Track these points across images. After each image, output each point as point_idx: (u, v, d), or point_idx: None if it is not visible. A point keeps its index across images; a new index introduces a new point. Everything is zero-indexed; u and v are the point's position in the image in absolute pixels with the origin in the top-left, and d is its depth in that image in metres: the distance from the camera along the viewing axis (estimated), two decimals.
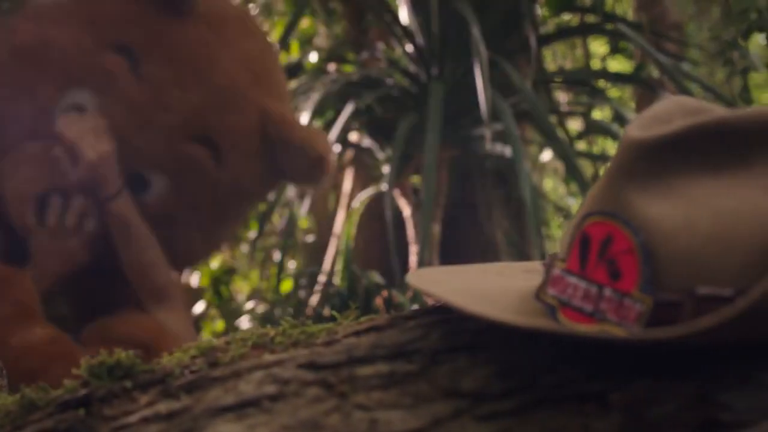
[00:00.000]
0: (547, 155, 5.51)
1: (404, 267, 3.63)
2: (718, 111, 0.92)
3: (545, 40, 4.27)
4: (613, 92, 5.93)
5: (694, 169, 0.85)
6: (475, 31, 3.33)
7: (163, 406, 0.88)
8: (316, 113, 3.78)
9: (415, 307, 2.02)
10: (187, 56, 2.58)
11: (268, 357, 0.93)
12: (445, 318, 0.93)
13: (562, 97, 5.28)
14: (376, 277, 3.72)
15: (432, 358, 0.86)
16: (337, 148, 3.58)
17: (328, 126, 3.70)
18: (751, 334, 0.76)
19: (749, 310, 0.68)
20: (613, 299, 0.80)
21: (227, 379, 0.90)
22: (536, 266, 1.02)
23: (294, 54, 5.08)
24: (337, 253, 4.14)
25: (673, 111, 0.91)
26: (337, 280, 4.03)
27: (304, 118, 3.56)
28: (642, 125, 0.88)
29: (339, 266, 4.05)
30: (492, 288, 0.97)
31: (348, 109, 3.60)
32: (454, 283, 0.97)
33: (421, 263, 3.24)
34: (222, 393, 0.87)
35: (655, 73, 4.62)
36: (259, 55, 2.78)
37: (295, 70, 4.37)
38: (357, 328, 0.97)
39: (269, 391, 0.85)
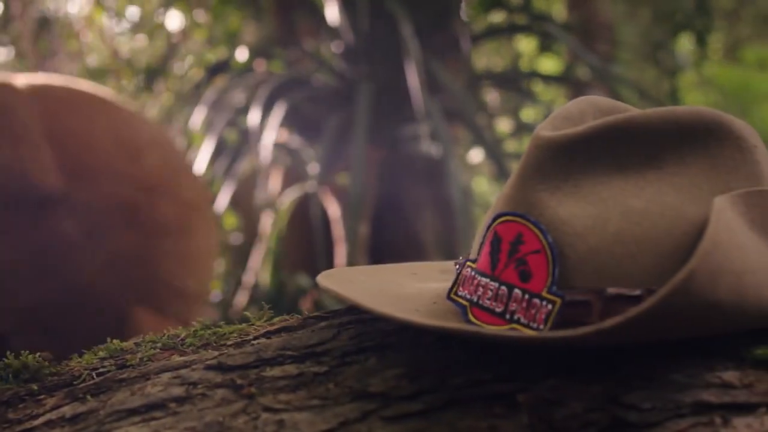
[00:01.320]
0: (479, 155, 5.53)
1: (331, 267, 3.60)
2: (631, 111, 0.92)
3: (475, 39, 4.29)
4: (546, 92, 5.97)
5: (605, 169, 0.84)
6: (406, 30, 3.33)
7: (68, 409, 0.86)
8: (241, 113, 3.76)
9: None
10: (41, 250, 2.50)
11: (177, 358, 0.92)
12: (357, 319, 0.93)
13: (492, 96, 5.30)
14: (304, 279, 3.71)
15: (341, 359, 0.85)
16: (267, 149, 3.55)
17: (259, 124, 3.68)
18: (661, 334, 0.76)
19: (655, 310, 0.68)
20: (522, 299, 0.80)
21: (134, 381, 0.88)
22: (452, 266, 1.01)
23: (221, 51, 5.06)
24: (265, 253, 4.11)
25: (586, 110, 0.91)
26: (264, 280, 4.01)
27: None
28: (553, 125, 0.88)
29: (267, 267, 4.03)
30: (405, 288, 0.96)
31: (279, 110, 3.57)
32: (366, 283, 0.97)
33: (350, 263, 3.24)
34: (129, 395, 0.85)
35: (585, 73, 4.65)
36: (134, 250, 2.65)
37: (222, 67, 4.33)
38: (269, 328, 0.97)
39: (176, 393, 0.83)
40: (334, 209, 3.78)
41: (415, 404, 0.77)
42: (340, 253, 3.64)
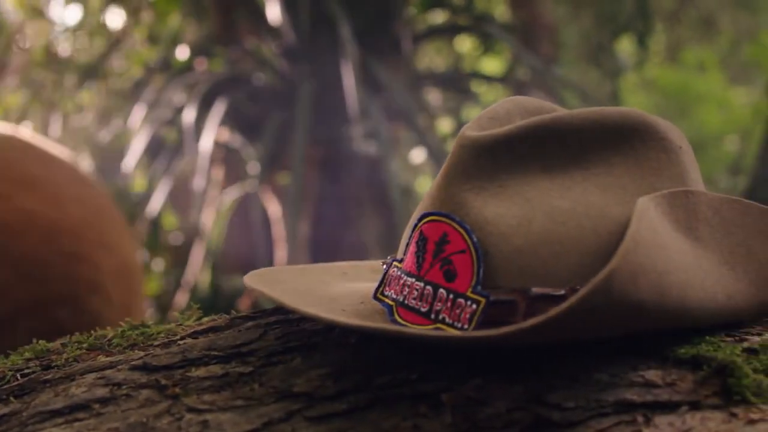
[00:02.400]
0: (421, 155, 5.53)
1: (272, 266, 3.59)
2: (559, 111, 0.92)
3: (417, 39, 4.29)
4: (489, 93, 5.99)
5: (530, 169, 0.85)
6: (344, 30, 3.33)
7: None
8: (178, 112, 3.74)
9: None
10: None
11: (102, 359, 0.91)
12: (284, 319, 0.92)
13: (434, 96, 5.30)
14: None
15: (267, 359, 0.85)
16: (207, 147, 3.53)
17: (197, 123, 3.66)
18: (584, 333, 0.76)
19: (575, 309, 0.68)
20: (447, 299, 0.80)
21: (59, 382, 0.87)
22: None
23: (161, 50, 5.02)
24: (205, 253, 4.09)
25: (512, 111, 0.91)
26: (205, 280, 3.99)
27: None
28: (478, 125, 0.88)
29: (206, 267, 4.01)
30: (334, 288, 0.96)
31: (218, 109, 3.56)
32: (295, 282, 0.96)
33: (291, 262, 3.23)
34: (52, 396, 0.84)
35: (526, 74, 4.67)
36: None
37: (162, 66, 4.31)
38: (196, 328, 0.96)
39: (100, 394, 0.82)
40: (274, 209, 3.77)
41: (340, 404, 0.77)
42: (281, 252, 3.63)
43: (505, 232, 0.81)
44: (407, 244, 0.88)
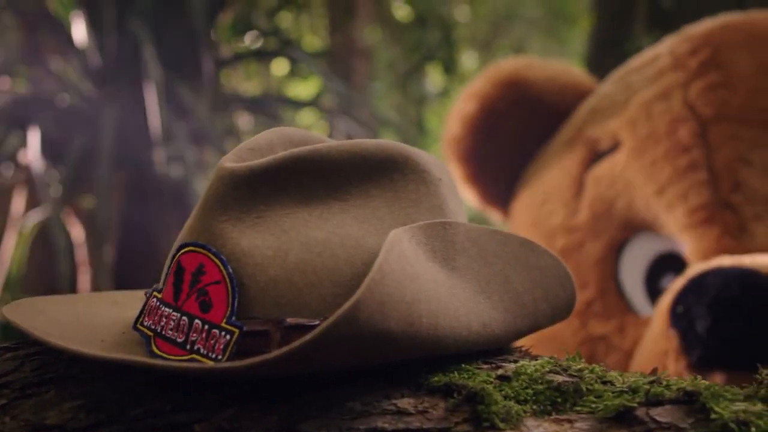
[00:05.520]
0: None
1: (74, 292, 3.52)
2: (325, 143, 0.93)
3: (225, 63, 4.28)
4: (304, 117, 6.01)
5: (288, 200, 0.86)
6: (148, 52, 3.30)
7: None
8: None
9: None
10: None
11: None
12: (43, 350, 0.91)
13: (244, 120, 5.29)
14: None
15: (21, 391, 0.84)
16: (6, 169, 3.44)
17: None
18: (333, 362, 0.78)
19: (319, 340, 0.69)
20: (202, 330, 0.81)
21: None
22: None
23: None
24: (7, 279, 3.98)
25: (275, 142, 0.93)
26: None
27: None
28: (238, 156, 0.89)
29: (7, 293, 3.89)
30: (99, 317, 0.95)
31: (18, 131, 3.48)
32: (58, 313, 0.95)
33: (95, 288, 3.18)
34: None
35: (333, 99, 4.70)
36: None
37: None
38: None
39: None
40: (77, 233, 3.70)
41: None
42: (84, 277, 3.56)
43: (261, 263, 0.82)
44: (166, 274, 0.88)
